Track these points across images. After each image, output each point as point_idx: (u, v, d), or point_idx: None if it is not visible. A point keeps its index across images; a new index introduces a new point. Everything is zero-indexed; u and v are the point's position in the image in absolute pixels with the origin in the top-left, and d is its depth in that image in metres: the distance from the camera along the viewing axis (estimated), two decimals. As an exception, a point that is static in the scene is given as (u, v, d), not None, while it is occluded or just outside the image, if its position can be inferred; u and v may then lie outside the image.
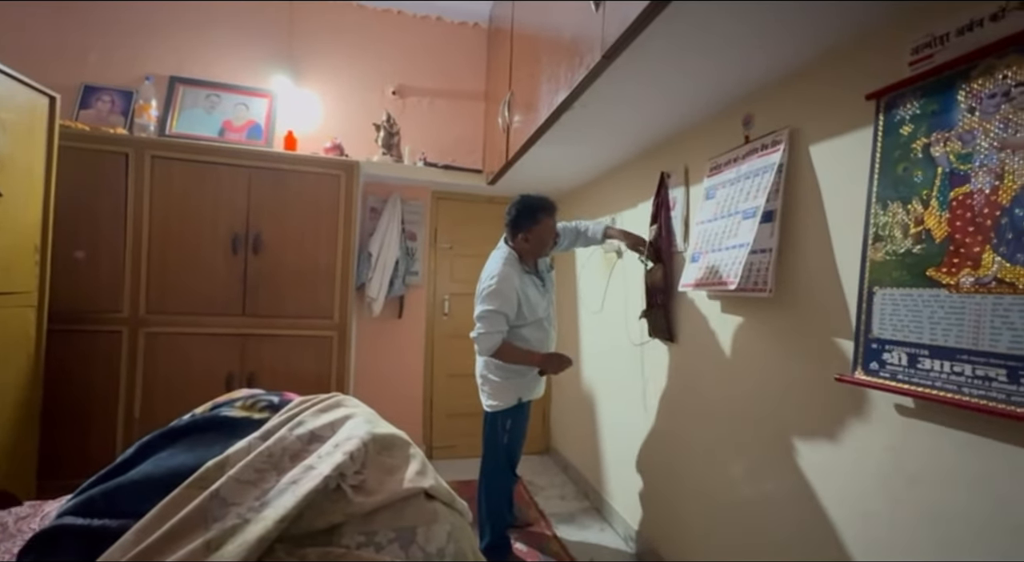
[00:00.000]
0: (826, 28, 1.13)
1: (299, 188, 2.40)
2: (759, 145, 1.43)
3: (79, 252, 2.12)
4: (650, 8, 1.05)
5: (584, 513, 2.43)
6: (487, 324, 1.82)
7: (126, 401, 2.19)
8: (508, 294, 1.84)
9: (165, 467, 0.69)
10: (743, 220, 1.40)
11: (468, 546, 0.83)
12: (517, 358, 1.87)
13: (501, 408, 1.95)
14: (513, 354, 1.86)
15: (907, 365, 0.97)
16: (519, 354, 1.88)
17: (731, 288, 1.35)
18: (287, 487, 0.64)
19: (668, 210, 1.90)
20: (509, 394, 1.95)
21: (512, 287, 1.84)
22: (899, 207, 1.02)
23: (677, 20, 1.09)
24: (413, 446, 0.87)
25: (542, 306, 1.97)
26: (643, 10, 1.06)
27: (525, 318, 1.91)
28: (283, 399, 0.89)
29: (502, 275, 1.85)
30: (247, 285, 2.34)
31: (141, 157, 2.21)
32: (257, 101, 2.67)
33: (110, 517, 0.64)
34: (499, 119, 2.49)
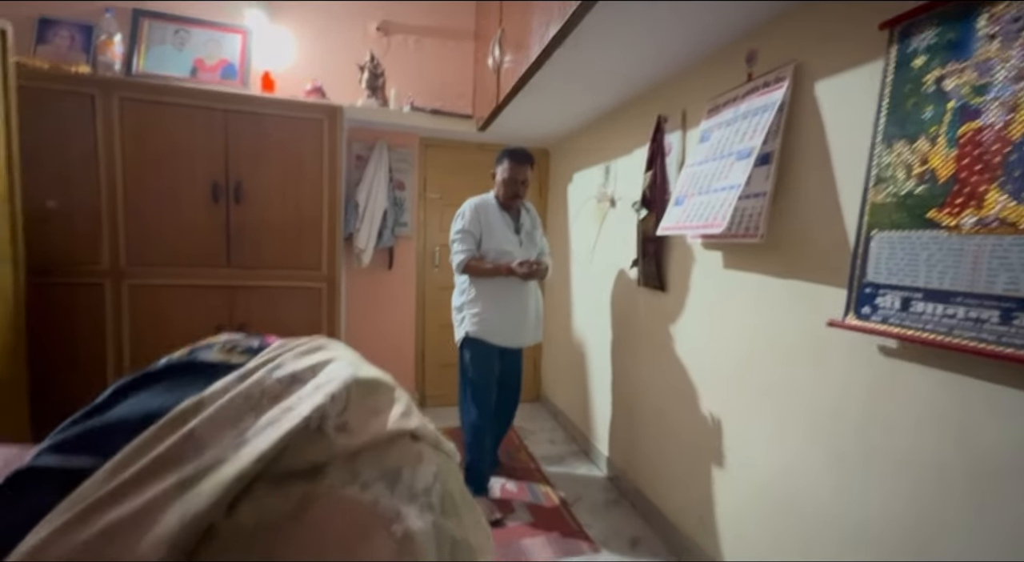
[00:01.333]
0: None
1: (280, 134, 2.28)
2: (761, 83, 1.36)
3: (51, 201, 2.03)
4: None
5: (572, 456, 2.51)
6: (455, 245, 2.03)
7: (115, 352, 2.17)
8: (469, 217, 2.02)
9: (139, 409, 0.67)
10: (736, 161, 1.35)
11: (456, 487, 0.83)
12: (484, 271, 1.99)
13: (459, 340, 2.08)
14: (480, 268, 2.00)
15: (899, 308, 0.96)
16: (487, 268, 1.99)
17: (716, 231, 1.32)
18: (266, 427, 0.63)
19: (664, 156, 1.84)
20: (461, 326, 2.07)
21: (474, 212, 2.02)
22: (904, 146, 0.97)
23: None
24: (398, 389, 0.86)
25: (510, 245, 2.05)
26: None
27: (487, 249, 2.02)
28: (263, 343, 0.86)
29: (468, 203, 2.06)
30: (231, 235, 2.27)
31: (109, 98, 2.07)
32: (230, 38, 2.49)
33: (86, 456, 0.63)
34: (489, 59, 2.35)
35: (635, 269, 1.99)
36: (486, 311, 2.02)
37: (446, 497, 0.86)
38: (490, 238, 2.03)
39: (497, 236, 2.04)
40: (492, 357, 2.07)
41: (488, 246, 2.03)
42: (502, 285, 2.02)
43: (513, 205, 2.09)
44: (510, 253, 2.03)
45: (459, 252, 2.01)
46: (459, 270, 2.03)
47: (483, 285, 2.03)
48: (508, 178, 2.02)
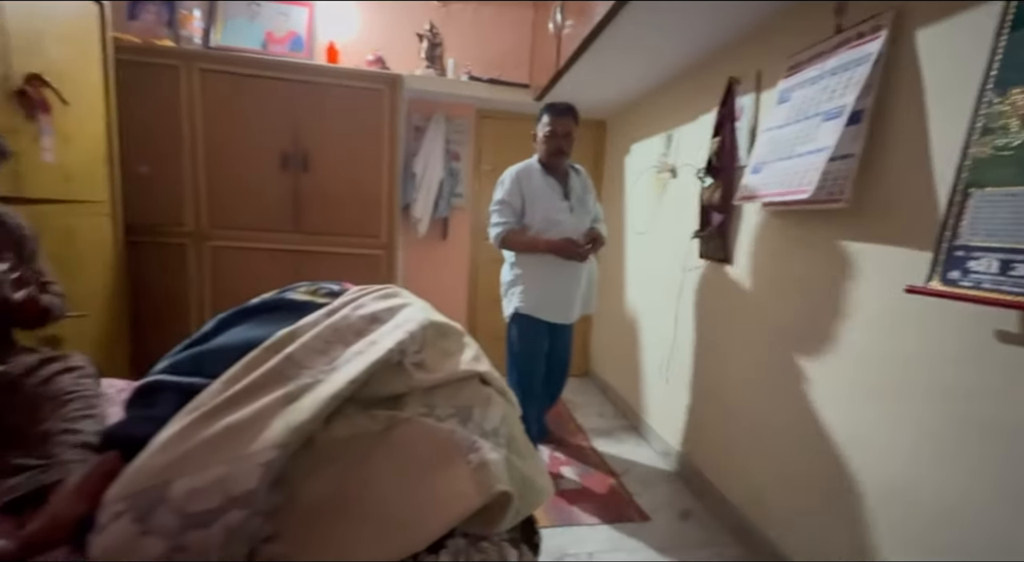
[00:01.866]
0: None
1: (343, 104, 2.35)
2: (854, 34, 1.25)
3: (143, 166, 2.21)
4: None
5: (622, 430, 2.51)
6: (492, 217, 1.92)
7: (197, 309, 2.36)
8: (508, 186, 1.89)
9: (241, 337, 0.74)
10: (823, 122, 1.26)
11: (518, 432, 0.86)
12: (523, 245, 1.87)
13: (507, 316, 2.00)
14: (518, 241, 1.88)
15: (998, 272, 0.87)
16: (525, 241, 1.87)
17: (803, 197, 1.24)
18: (353, 357, 0.68)
19: (734, 121, 1.74)
20: (510, 301, 1.98)
21: (515, 180, 1.89)
22: (1022, 93, 0.87)
23: None
24: (468, 336, 0.89)
25: (559, 213, 1.90)
26: None
27: (533, 219, 1.89)
28: (343, 288, 0.92)
29: (508, 171, 1.93)
30: (298, 202, 2.39)
31: (191, 70, 2.21)
32: (297, 10, 2.57)
33: (197, 376, 0.70)
34: (550, 24, 2.30)
35: (696, 241, 1.92)
36: (535, 286, 1.92)
37: (512, 439, 0.89)
38: (535, 207, 1.88)
39: (543, 204, 1.89)
40: (541, 334, 1.97)
41: (534, 216, 1.88)
42: (552, 258, 1.89)
43: (559, 167, 1.93)
44: (560, 222, 1.88)
45: (495, 225, 1.90)
46: (496, 244, 1.92)
47: (531, 259, 1.91)
48: (548, 133, 1.86)
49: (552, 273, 1.92)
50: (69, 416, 0.82)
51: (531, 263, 1.92)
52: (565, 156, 1.91)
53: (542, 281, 1.92)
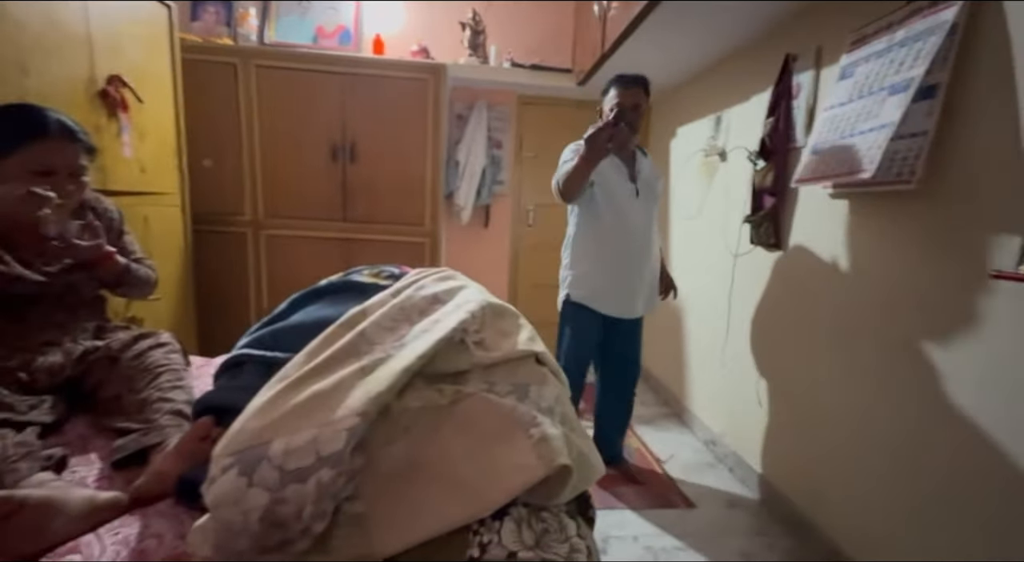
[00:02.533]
0: None
1: (389, 94, 2.41)
2: (926, 3, 1.17)
3: (207, 160, 2.35)
4: None
5: (664, 418, 2.50)
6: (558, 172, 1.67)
7: (255, 294, 2.51)
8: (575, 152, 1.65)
9: (314, 316, 0.80)
10: (889, 97, 1.19)
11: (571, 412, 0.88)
12: (572, 173, 1.55)
13: (560, 302, 1.84)
14: (566, 174, 1.58)
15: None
16: (569, 169, 1.56)
17: (865, 177, 1.19)
18: (420, 334, 0.71)
19: (790, 99, 1.67)
20: (564, 286, 1.81)
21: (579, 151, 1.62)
22: None
23: None
24: (523, 317, 0.92)
25: (624, 197, 1.72)
26: None
27: (598, 196, 1.70)
28: (402, 271, 0.96)
29: (571, 145, 1.74)
30: (346, 192, 2.48)
31: (248, 67, 2.31)
32: (345, 5, 2.64)
33: (278, 350, 0.76)
34: (595, 7, 2.26)
35: (747, 226, 1.87)
36: (591, 271, 1.74)
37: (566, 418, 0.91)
38: (601, 183, 1.69)
39: (610, 182, 1.70)
40: (593, 328, 1.78)
41: (600, 192, 1.70)
42: (613, 240, 1.72)
43: (627, 146, 1.74)
44: (624, 208, 1.71)
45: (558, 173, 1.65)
46: (557, 188, 1.64)
47: (590, 239, 1.75)
48: (616, 106, 1.63)
49: (613, 256, 1.73)
50: (162, 386, 0.90)
51: (590, 243, 1.75)
52: (633, 132, 1.69)
53: (600, 265, 1.74)
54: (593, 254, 1.75)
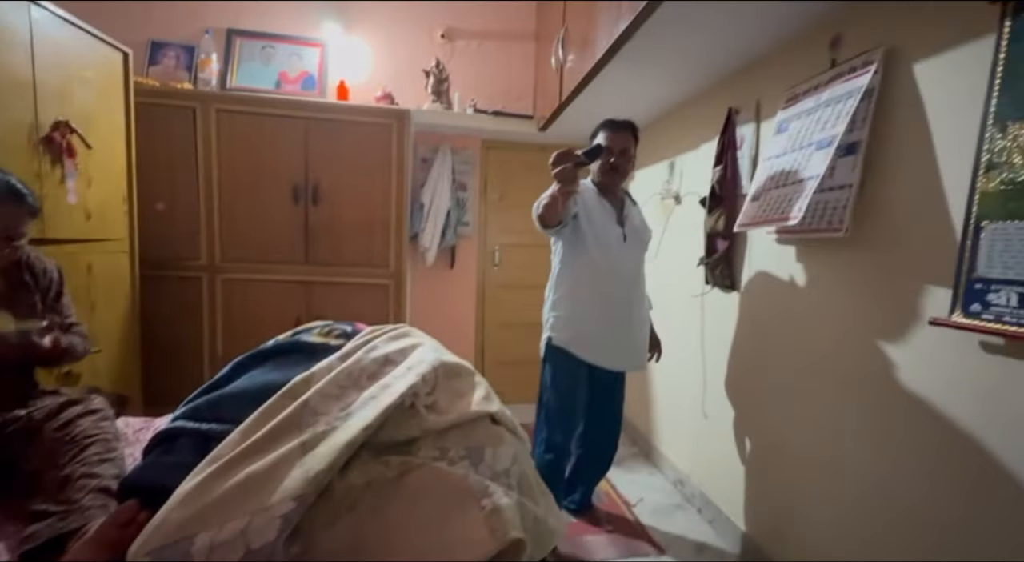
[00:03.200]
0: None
1: (353, 138, 2.43)
2: (847, 68, 1.29)
3: (160, 204, 2.28)
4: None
5: (633, 457, 2.48)
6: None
7: (210, 340, 2.39)
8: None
9: (258, 382, 0.76)
10: (816, 151, 1.28)
11: (530, 471, 0.86)
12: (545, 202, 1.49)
13: (542, 346, 1.73)
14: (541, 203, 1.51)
15: (1017, 305, 0.88)
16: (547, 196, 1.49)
17: (792, 223, 1.26)
18: (367, 401, 0.69)
19: (735, 149, 1.78)
20: (547, 328, 1.71)
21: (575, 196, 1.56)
22: (1022, 129, 0.89)
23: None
24: (478, 375, 0.90)
25: (612, 238, 1.67)
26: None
27: (587, 236, 1.64)
28: (355, 328, 0.94)
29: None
30: (308, 234, 2.44)
31: (207, 111, 2.29)
32: (309, 51, 2.68)
33: (215, 422, 0.71)
34: (552, 59, 2.37)
35: (703, 268, 1.94)
36: (574, 314, 1.66)
37: (523, 479, 0.90)
38: (590, 222, 1.64)
39: (596, 220, 1.66)
40: (580, 372, 1.68)
41: (588, 231, 1.64)
42: (598, 282, 1.66)
43: (614, 189, 1.74)
44: (611, 249, 1.66)
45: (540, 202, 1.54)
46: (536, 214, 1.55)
47: (575, 279, 1.67)
48: (610, 147, 1.64)
49: (596, 299, 1.65)
50: (89, 460, 0.83)
51: (575, 282, 1.67)
52: (621, 176, 1.71)
53: (583, 307, 1.65)
54: (577, 295, 1.67)
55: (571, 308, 1.67)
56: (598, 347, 1.67)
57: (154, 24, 2.57)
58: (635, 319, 1.73)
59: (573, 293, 1.67)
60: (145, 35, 2.56)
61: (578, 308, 1.66)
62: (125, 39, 2.00)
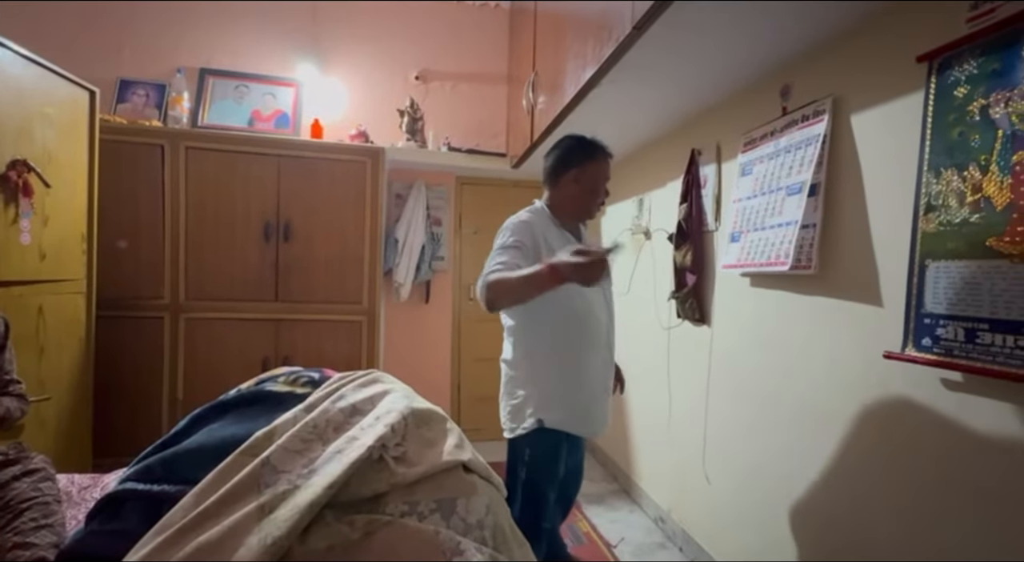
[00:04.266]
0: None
1: (327, 176, 2.43)
2: (799, 117, 1.37)
3: (121, 241, 2.20)
4: (685, -28, 1.01)
5: (613, 495, 2.43)
6: (491, 262, 1.27)
7: (170, 383, 2.28)
8: (520, 231, 1.34)
9: (217, 437, 0.72)
10: (788, 196, 1.35)
11: (505, 520, 0.83)
12: (517, 284, 1.13)
13: (514, 430, 1.40)
14: (506, 282, 1.15)
15: (964, 340, 0.92)
16: (516, 279, 1.13)
17: (784, 269, 1.31)
18: (333, 456, 0.66)
19: (699, 188, 1.85)
20: (518, 411, 1.39)
21: (526, 225, 1.36)
22: (954, 174, 0.96)
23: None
24: (450, 421, 0.88)
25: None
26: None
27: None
28: (323, 375, 0.91)
29: (512, 218, 1.40)
30: (279, 271, 2.39)
31: (176, 148, 2.27)
32: (284, 90, 2.70)
33: (168, 483, 0.67)
34: (523, 101, 2.46)
35: (673, 302, 1.97)
36: (565, 387, 1.36)
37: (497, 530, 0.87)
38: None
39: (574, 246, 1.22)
40: (560, 452, 1.39)
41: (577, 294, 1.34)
42: (581, 334, 1.39)
43: (577, 223, 1.51)
44: (589, 299, 1.38)
45: (489, 271, 1.23)
46: (483, 295, 1.20)
47: (553, 337, 1.36)
48: (599, 180, 1.41)
49: (579, 365, 1.38)
50: (23, 528, 0.77)
51: (551, 337, 1.37)
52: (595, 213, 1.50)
53: (572, 376, 1.37)
54: (560, 359, 1.37)
55: (557, 378, 1.37)
56: (592, 418, 1.41)
57: (125, 63, 2.56)
58: (610, 370, 1.51)
59: (559, 360, 1.37)
60: (116, 73, 2.54)
61: (569, 379, 1.37)
62: (94, 77, 1.98)
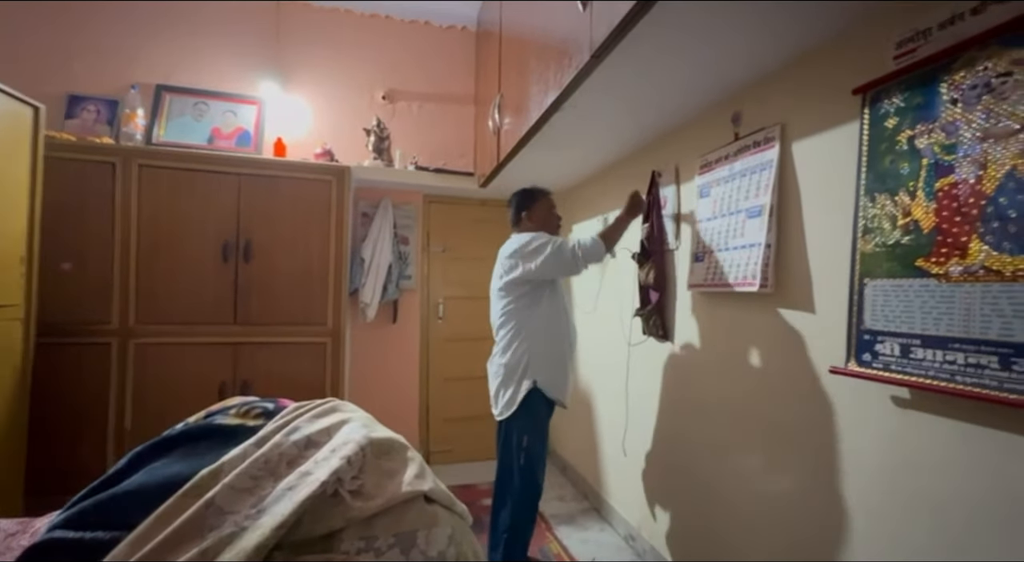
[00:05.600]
0: (811, 25, 1.14)
1: (290, 194, 2.38)
2: (751, 142, 1.44)
3: (66, 264, 2.09)
4: (637, 8, 1.06)
5: (584, 514, 2.42)
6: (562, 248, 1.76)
7: (116, 413, 2.15)
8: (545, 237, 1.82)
9: (159, 477, 0.68)
10: (748, 219, 1.41)
11: (469, 549, 0.82)
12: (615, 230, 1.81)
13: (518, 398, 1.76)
14: (607, 235, 1.79)
15: (900, 355, 0.98)
16: (610, 230, 1.80)
17: (753, 289, 1.36)
18: (284, 494, 0.63)
19: (660, 208, 1.91)
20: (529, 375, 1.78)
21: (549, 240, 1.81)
22: (887, 199, 1.03)
23: (663, 20, 1.10)
24: (411, 449, 0.86)
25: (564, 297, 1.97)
26: (630, 9, 1.07)
27: (554, 297, 1.87)
28: (278, 406, 0.87)
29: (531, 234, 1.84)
30: (238, 293, 2.31)
31: (128, 166, 2.18)
32: (245, 108, 2.65)
33: (103, 529, 0.62)
34: (489, 122, 2.49)
35: (638, 319, 2.01)
36: (555, 360, 1.83)
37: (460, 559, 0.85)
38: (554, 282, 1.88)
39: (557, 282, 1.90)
40: (547, 416, 1.84)
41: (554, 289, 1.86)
42: (561, 320, 1.86)
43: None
44: (559, 286, 1.92)
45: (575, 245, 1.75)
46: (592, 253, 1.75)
47: (547, 319, 1.82)
48: (549, 210, 1.98)
49: (565, 341, 1.87)
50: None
51: (546, 319, 1.82)
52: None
53: (559, 352, 1.84)
54: (550, 338, 1.82)
55: (547, 351, 1.80)
56: (563, 385, 1.84)
57: (76, 78, 2.47)
58: (574, 353, 1.95)
59: (546, 336, 1.81)
60: (65, 88, 2.44)
61: (553, 351, 1.81)
62: (42, 92, 1.91)
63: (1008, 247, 0.82)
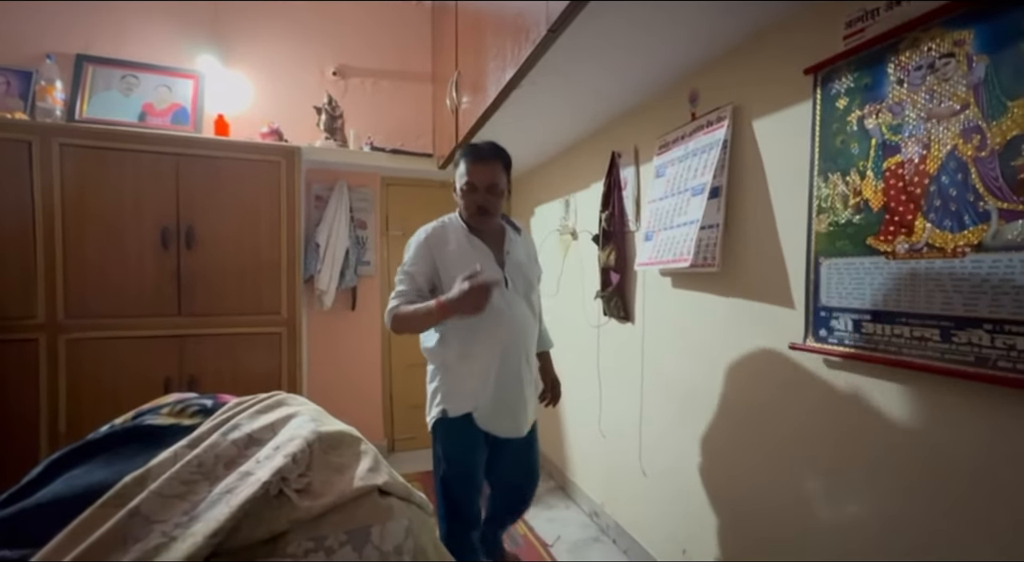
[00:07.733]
0: (767, 4, 1.14)
1: (235, 177, 2.24)
2: (704, 122, 1.45)
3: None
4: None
5: (549, 493, 2.45)
6: (393, 293, 1.43)
7: (48, 415, 1.99)
8: (415, 253, 1.44)
9: (78, 486, 0.61)
10: (692, 197, 1.41)
11: (428, 540, 0.79)
12: (414, 320, 1.34)
13: (431, 422, 1.48)
14: (406, 317, 1.35)
15: (852, 330, 1.01)
16: (413, 315, 1.33)
17: (685, 265, 1.37)
18: (220, 497, 0.58)
19: (620, 190, 1.91)
20: (434, 405, 1.46)
21: (423, 246, 1.44)
22: (839, 179, 1.05)
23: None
24: (364, 442, 0.82)
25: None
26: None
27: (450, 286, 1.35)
28: (217, 402, 0.81)
29: (418, 232, 1.49)
30: (181, 282, 2.17)
31: (48, 145, 1.98)
32: (181, 82, 2.45)
33: (11, 547, 0.56)
34: (447, 100, 2.41)
35: (600, 300, 2.02)
36: (464, 382, 1.43)
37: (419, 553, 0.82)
38: (453, 279, 1.32)
39: (464, 266, 1.33)
40: (477, 445, 1.46)
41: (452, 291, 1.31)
42: (484, 341, 1.42)
43: (487, 226, 1.47)
44: (495, 301, 1.35)
45: (391, 300, 1.41)
46: (389, 323, 1.40)
47: (457, 342, 1.43)
48: (467, 184, 1.40)
49: (485, 362, 1.42)
50: None
51: (454, 345, 1.43)
52: (491, 217, 1.44)
53: (473, 373, 1.42)
54: (463, 360, 1.43)
55: (461, 376, 1.44)
56: (498, 417, 1.45)
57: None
58: (525, 376, 1.49)
59: (459, 359, 1.43)
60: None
61: (469, 376, 1.43)
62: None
63: (949, 225, 0.85)
